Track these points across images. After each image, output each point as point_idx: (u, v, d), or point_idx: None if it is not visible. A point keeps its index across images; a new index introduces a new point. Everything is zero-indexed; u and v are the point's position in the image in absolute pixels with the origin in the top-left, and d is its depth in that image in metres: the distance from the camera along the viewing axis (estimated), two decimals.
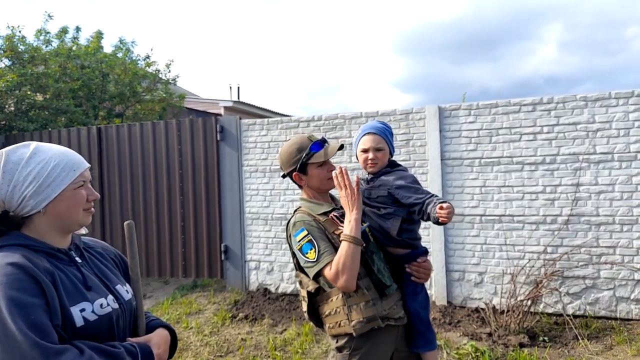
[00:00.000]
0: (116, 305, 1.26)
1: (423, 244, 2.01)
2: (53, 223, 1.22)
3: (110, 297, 1.26)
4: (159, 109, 10.78)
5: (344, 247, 1.71)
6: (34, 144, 1.23)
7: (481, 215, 4.59)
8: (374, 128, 1.95)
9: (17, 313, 1.02)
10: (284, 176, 2.00)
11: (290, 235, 1.86)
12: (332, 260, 1.72)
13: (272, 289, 5.49)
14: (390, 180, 1.89)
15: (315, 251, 1.76)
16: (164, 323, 1.43)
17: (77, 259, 1.27)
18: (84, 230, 1.36)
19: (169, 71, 11.07)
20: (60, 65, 8.77)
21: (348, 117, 5.19)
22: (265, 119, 5.67)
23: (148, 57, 10.99)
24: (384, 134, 1.95)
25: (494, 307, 4.18)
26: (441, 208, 1.63)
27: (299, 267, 1.90)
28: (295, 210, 1.96)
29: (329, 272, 1.72)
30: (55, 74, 8.45)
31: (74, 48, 9.67)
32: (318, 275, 1.77)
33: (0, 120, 7.13)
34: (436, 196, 1.78)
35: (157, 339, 1.30)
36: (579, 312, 4.22)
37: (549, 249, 4.30)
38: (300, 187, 1.98)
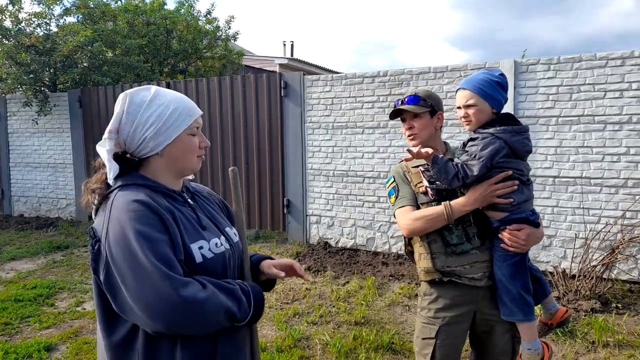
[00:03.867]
0: (228, 246, 1.30)
1: None
2: (168, 166, 1.25)
3: (223, 237, 1.30)
4: (218, 66, 10.95)
5: (438, 210, 1.76)
6: (154, 88, 1.24)
7: (554, 177, 4.38)
8: (466, 82, 1.82)
9: (147, 246, 1.05)
10: None
11: None
12: (406, 205, 1.84)
13: (332, 243, 5.60)
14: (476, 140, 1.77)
15: (395, 196, 1.90)
16: (264, 256, 1.49)
17: (189, 200, 1.31)
18: (191, 177, 1.40)
19: (229, 28, 11.11)
20: (128, 22, 9.03)
21: (415, 72, 5.03)
22: (330, 75, 5.61)
23: (209, 13, 11.06)
24: (478, 88, 1.77)
25: (563, 271, 4.06)
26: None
27: None
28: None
29: (399, 214, 1.85)
30: (124, 30, 8.73)
31: (140, 5, 9.90)
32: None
33: (75, 75, 7.52)
34: (459, 176, 1.70)
35: (279, 262, 1.43)
36: None
37: (628, 214, 4.07)
38: None
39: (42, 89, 7.54)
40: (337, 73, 8.40)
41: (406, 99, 1.93)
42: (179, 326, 1.05)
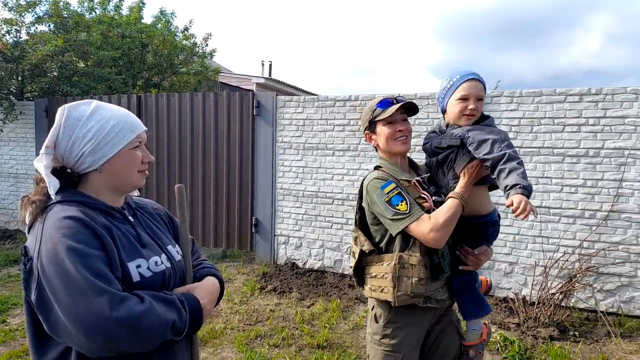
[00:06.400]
0: (169, 265, 1.27)
1: None
2: (108, 182, 1.22)
3: (164, 255, 1.27)
4: (194, 82, 10.91)
5: (452, 203, 1.68)
6: (94, 102, 1.22)
7: None
8: (477, 75, 1.73)
9: (80, 262, 1.02)
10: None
11: (366, 188, 1.81)
12: (423, 215, 1.68)
13: (300, 264, 5.57)
14: (470, 128, 1.72)
15: (407, 203, 1.70)
16: (212, 272, 1.42)
17: (130, 218, 1.28)
18: (136, 193, 1.38)
19: (206, 45, 11.12)
20: (102, 33, 8.93)
21: None
22: (302, 96, 5.67)
23: (187, 29, 11.06)
24: (484, 84, 1.77)
25: (524, 298, 4.14)
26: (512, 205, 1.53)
27: (360, 223, 1.89)
28: (375, 168, 1.90)
29: (419, 224, 1.66)
30: (97, 41, 8.62)
31: (115, 17, 9.82)
32: (401, 230, 1.70)
33: (44, 84, 7.35)
34: (515, 159, 1.59)
35: (201, 291, 1.26)
36: (612, 309, 4.15)
37: (585, 244, 4.22)
38: (376, 149, 1.93)
39: (9, 96, 7.33)
40: (314, 95, 8.50)
41: (398, 98, 1.80)
42: (117, 342, 1.01)
